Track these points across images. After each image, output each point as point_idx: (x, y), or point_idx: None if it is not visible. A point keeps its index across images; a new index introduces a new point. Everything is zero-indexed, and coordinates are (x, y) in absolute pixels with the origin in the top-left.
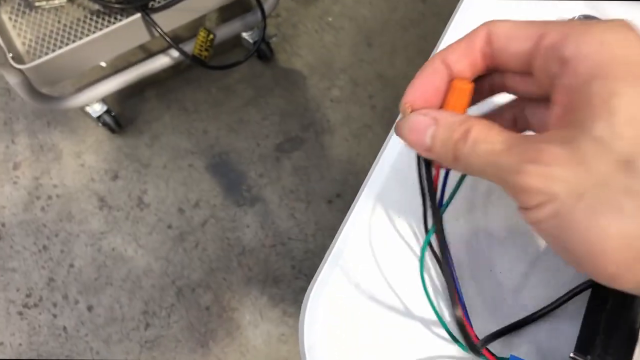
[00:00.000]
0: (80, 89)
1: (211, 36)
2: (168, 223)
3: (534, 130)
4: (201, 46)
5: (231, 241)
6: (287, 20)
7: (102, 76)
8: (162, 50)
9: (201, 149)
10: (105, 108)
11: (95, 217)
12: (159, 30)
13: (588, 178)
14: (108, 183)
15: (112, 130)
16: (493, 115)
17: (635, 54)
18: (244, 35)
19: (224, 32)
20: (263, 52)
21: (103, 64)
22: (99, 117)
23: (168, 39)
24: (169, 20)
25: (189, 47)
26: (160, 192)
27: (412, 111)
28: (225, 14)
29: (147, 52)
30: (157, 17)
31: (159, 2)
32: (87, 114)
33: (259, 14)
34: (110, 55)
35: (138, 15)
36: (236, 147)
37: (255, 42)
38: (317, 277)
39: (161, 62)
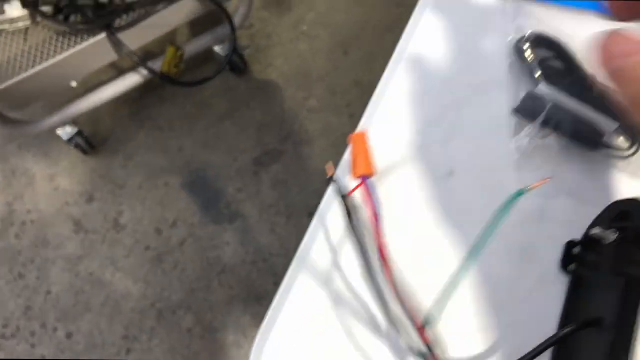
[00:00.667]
0: (50, 112)
1: (180, 52)
2: (146, 244)
3: None
4: (170, 63)
5: (211, 260)
6: (260, 31)
7: (72, 98)
8: (133, 68)
9: (177, 167)
10: (76, 130)
11: (71, 242)
12: (126, 48)
13: None
14: (83, 206)
15: (84, 152)
16: None
17: None
18: (216, 48)
19: (194, 47)
20: (236, 64)
21: (74, 84)
22: (70, 140)
23: (135, 57)
24: (136, 38)
25: (159, 64)
26: (136, 213)
27: None
28: (197, 27)
29: (118, 70)
30: (123, 35)
31: (124, 20)
32: (60, 136)
33: (229, 27)
34: (78, 76)
35: (103, 34)
36: (213, 163)
37: (226, 56)
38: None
39: (132, 80)
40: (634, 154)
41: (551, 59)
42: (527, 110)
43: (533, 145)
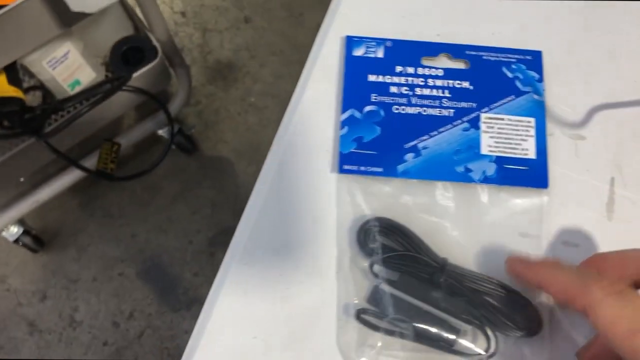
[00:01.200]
0: None
1: (116, 147)
2: (103, 340)
3: None
4: (106, 158)
5: (170, 351)
6: (207, 107)
7: (14, 196)
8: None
9: (131, 255)
10: (22, 230)
11: (25, 345)
12: (57, 152)
13: None
14: (37, 305)
15: (33, 251)
16: None
17: None
18: (160, 132)
19: (132, 137)
20: (183, 146)
21: (21, 179)
22: (16, 240)
23: (66, 159)
24: (69, 138)
25: (95, 159)
26: (92, 307)
27: None
28: (142, 110)
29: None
30: (54, 138)
31: (54, 122)
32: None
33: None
34: (11, 182)
35: (33, 139)
36: (167, 248)
37: (166, 145)
38: None
39: (75, 175)
40: (491, 356)
41: (397, 249)
42: (372, 312)
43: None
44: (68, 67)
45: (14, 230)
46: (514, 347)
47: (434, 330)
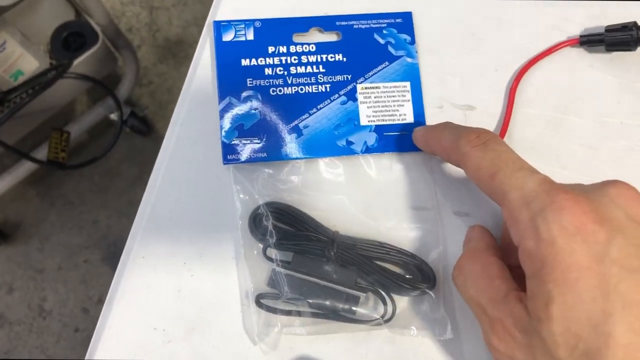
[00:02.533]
0: None
1: (65, 135)
2: (74, 327)
3: None
4: (56, 148)
5: None
6: (160, 86)
7: None
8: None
9: (94, 242)
10: None
11: None
12: (4, 144)
13: None
14: (4, 298)
15: None
16: None
17: (576, 257)
18: (112, 116)
19: (82, 124)
20: (137, 128)
21: None
22: None
23: (16, 151)
24: (17, 130)
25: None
26: (60, 296)
27: None
28: (94, 94)
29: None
30: (1, 130)
31: None
32: None
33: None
34: None
35: None
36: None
37: (115, 133)
38: None
39: (28, 166)
40: (389, 319)
41: (286, 229)
42: (271, 295)
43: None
44: (7, 57)
45: None
46: (413, 305)
47: (328, 302)
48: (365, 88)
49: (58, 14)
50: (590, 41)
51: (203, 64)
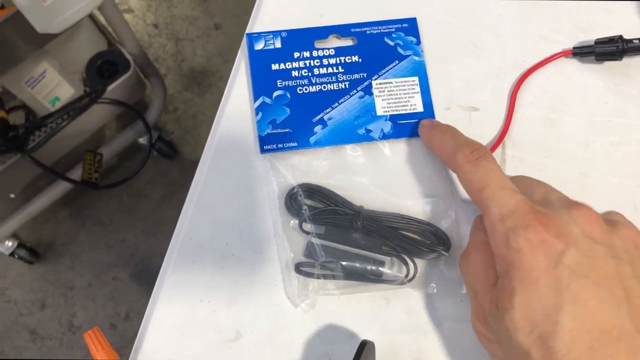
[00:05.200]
0: None
1: (98, 157)
2: None
3: None
4: (90, 169)
5: None
6: (185, 113)
7: (7, 212)
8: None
9: (123, 260)
10: (16, 243)
11: (28, 352)
12: (42, 165)
13: (502, 352)
14: (37, 314)
15: (29, 262)
16: None
17: (536, 262)
18: (140, 140)
19: (114, 147)
20: (164, 151)
21: (12, 195)
22: (12, 254)
23: (52, 173)
24: (53, 152)
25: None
26: (89, 312)
27: None
28: (124, 120)
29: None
30: (38, 153)
31: (37, 138)
32: None
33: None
34: (2, 198)
35: (18, 156)
36: (157, 250)
37: (145, 153)
38: None
39: (63, 187)
40: (411, 278)
41: (320, 207)
42: (308, 263)
43: (315, 296)
44: (46, 85)
45: (9, 244)
46: (432, 267)
47: (359, 265)
48: (380, 84)
49: (92, 44)
50: (582, 52)
51: (240, 72)
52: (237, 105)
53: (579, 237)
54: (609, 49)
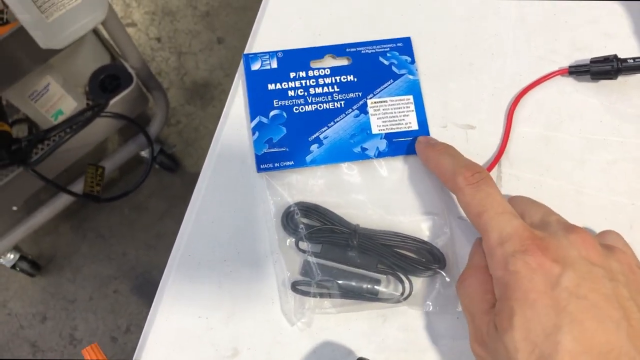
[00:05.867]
0: None
1: (100, 170)
2: None
3: None
4: (92, 182)
5: None
6: (187, 126)
7: (9, 225)
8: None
9: (123, 273)
10: (18, 256)
11: None
12: (44, 178)
13: None
14: (38, 327)
15: (30, 275)
16: None
17: (534, 284)
18: (143, 153)
19: (116, 160)
20: (166, 165)
21: (14, 208)
22: (13, 266)
23: (54, 186)
24: (55, 165)
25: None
26: (90, 325)
27: None
28: (126, 133)
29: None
30: (41, 166)
31: (39, 151)
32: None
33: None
34: (4, 211)
35: (21, 169)
36: (157, 263)
37: (147, 166)
38: None
39: (65, 200)
40: (407, 296)
41: (316, 225)
42: (304, 282)
43: (312, 314)
44: (49, 98)
45: (11, 257)
46: (428, 285)
47: (355, 283)
48: (375, 102)
49: (96, 58)
50: (578, 71)
51: (238, 92)
52: (235, 124)
53: (577, 260)
54: (604, 68)
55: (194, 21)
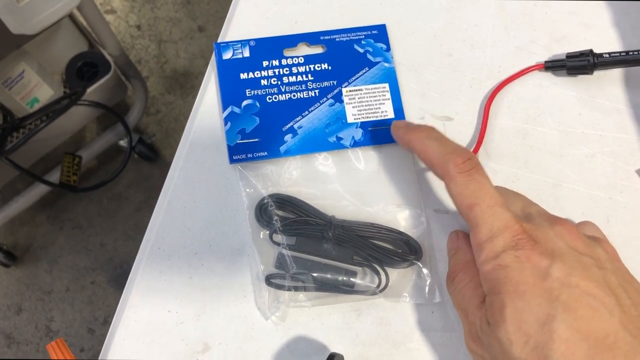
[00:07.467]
0: None
1: (77, 159)
2: (80, 347)
3: None
4: (68, 171)
5: None
6: (167, 115)
7: None
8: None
9: (101, 264)
10: None
11: (4, 357)
12: (19, 167)
13: None
14: (13, 318)
15: (5, 265)
16: None
17: (524, 276)
18: (121, 143)
19: (93, 149)
20: (145, 154)
21: None
22: None
23: (30, 176)
24: (31, 154)
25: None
26: (67, 316)
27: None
28: (104, 122)
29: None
30: (15, 155)
31: (14, 139)
32: None
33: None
34: None
35: None
36: (136, 255)
37: (125, 156)
38: None
39: (40, 189)
40: (383, 288)
41: (291, 217)
42: (278, 275)
43: (286, 308)
44: (25, 86)
45: None
46: (404, 276)
47: (330, 276)
48: (350, 91)
49: (73, 45)
50: (554, 66)
51: (211, 82)
52: (208, 114)
53: (565, 251)
54: (579, 63)
55: (175, 9)
